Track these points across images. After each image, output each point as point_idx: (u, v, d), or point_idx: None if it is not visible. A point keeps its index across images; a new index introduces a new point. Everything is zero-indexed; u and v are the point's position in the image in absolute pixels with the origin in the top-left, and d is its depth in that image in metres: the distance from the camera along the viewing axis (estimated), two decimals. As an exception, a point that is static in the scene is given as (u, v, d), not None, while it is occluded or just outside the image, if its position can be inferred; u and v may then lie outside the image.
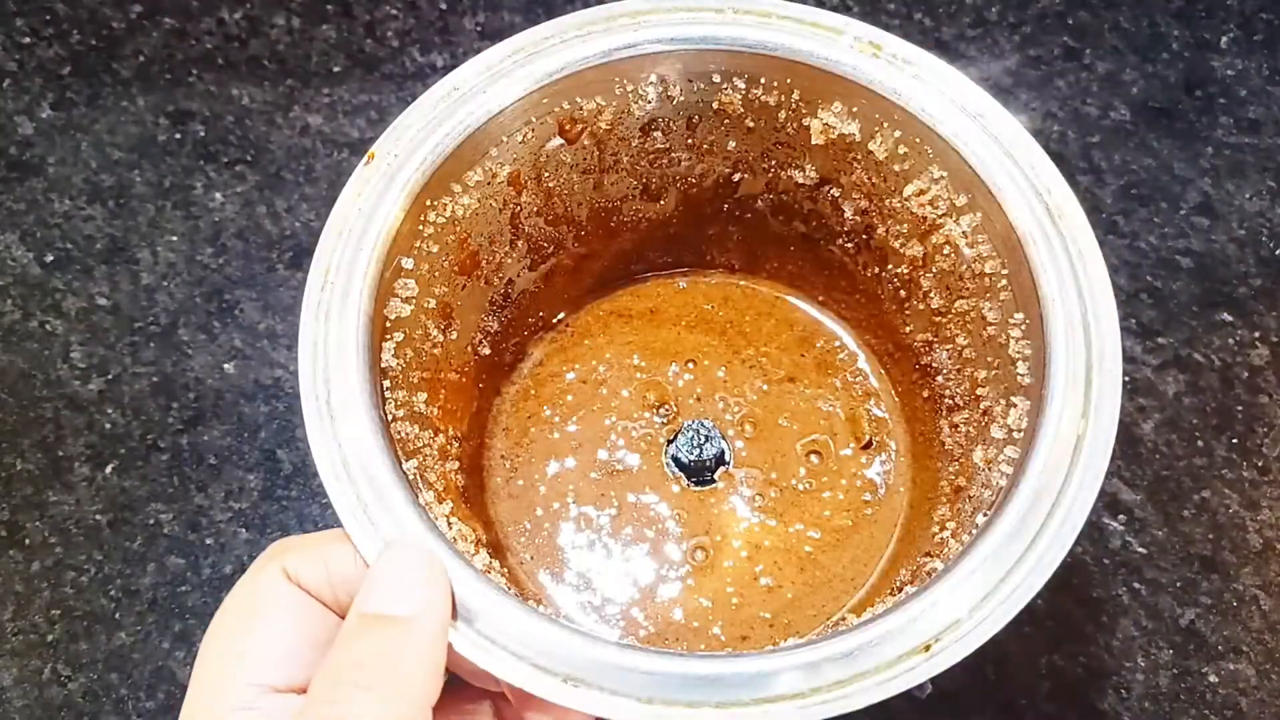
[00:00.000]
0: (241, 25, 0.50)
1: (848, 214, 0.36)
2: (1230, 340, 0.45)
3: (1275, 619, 0.41)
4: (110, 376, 0.45)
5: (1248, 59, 0.51)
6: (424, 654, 0.24)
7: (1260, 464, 0.43)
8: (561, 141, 0.33)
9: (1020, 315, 0.30)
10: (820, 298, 0.40)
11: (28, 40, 0.50)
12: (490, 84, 0.31)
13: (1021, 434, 0.29)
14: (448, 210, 0.32)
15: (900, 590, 0.30)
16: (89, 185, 0.48)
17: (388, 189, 0.29)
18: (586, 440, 0.38)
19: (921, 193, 0.32)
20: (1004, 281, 0.31)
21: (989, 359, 0.32)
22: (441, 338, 0.33)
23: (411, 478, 0.28)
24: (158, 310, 0.46)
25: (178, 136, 0.49)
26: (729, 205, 0.38)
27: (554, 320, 0.40)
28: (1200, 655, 0.40)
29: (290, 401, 0.45)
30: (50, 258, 0.47)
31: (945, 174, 0.31)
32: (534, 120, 0.32)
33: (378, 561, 0.25)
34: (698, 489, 0.37)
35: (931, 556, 0.31)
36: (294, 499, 0.43)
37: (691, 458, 0.36)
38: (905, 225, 0.34)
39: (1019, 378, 0.30)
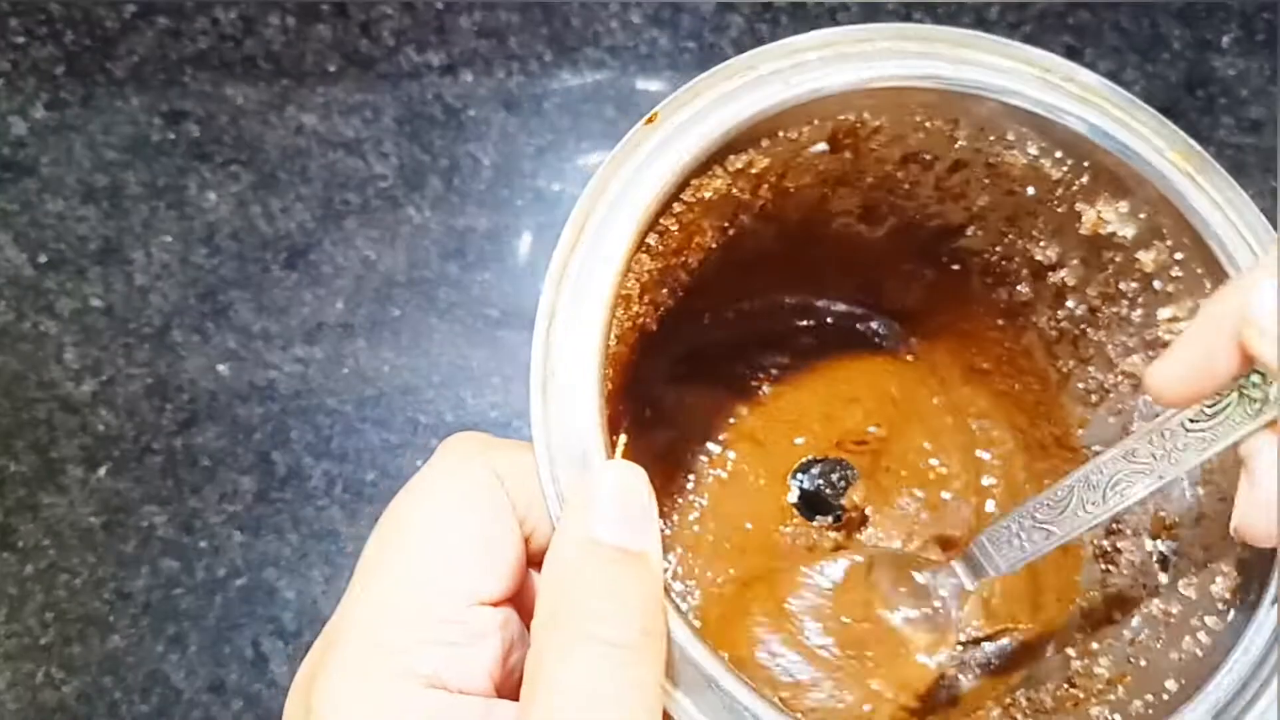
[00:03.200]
0: (236, 25, 0.50)
1: (1069, 304, 0.33)
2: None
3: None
4: (104, 378, 0.45)
5: (1249, 59, 0.51)
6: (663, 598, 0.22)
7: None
8: (825, 148, 0.31)
9: None
10: (984, 365, 0.38)
11: (21, 40, 0.50)
12: (795, 73, 0.29)
13: (1228, 608, 0.26)
14: (701, 191, 0.29)
15: (1037, 708, 0.29)
16: (82, 186, 0.48)
17: (662, 155, 0.27)
18: (720, 438, 0.38)
19: (1175, 320, 0.30)
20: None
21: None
22: (635, 311, 0.31)
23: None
24: (151, 311, 0.46)
25: (172, 136, 0.48)
26: (941, 250, 0.36)
27: (725, 316, 0.40)
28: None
29: (284, 403, 0.44)
30: (44, 259, 0.47)
31: None
32: (817, 121, 0.30)
33: (603, 483, 0.23)
34: (806, 520, 0.37)
35: (1082, 691, 0.29)
36: (288, 501, 0.43)
37: (819, 485, 0.37)
38: (1135, 339, 0.31)
39: (1234, 545, 0.27)
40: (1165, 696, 0.26)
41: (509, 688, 0.23)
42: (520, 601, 0.24)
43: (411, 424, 0.44)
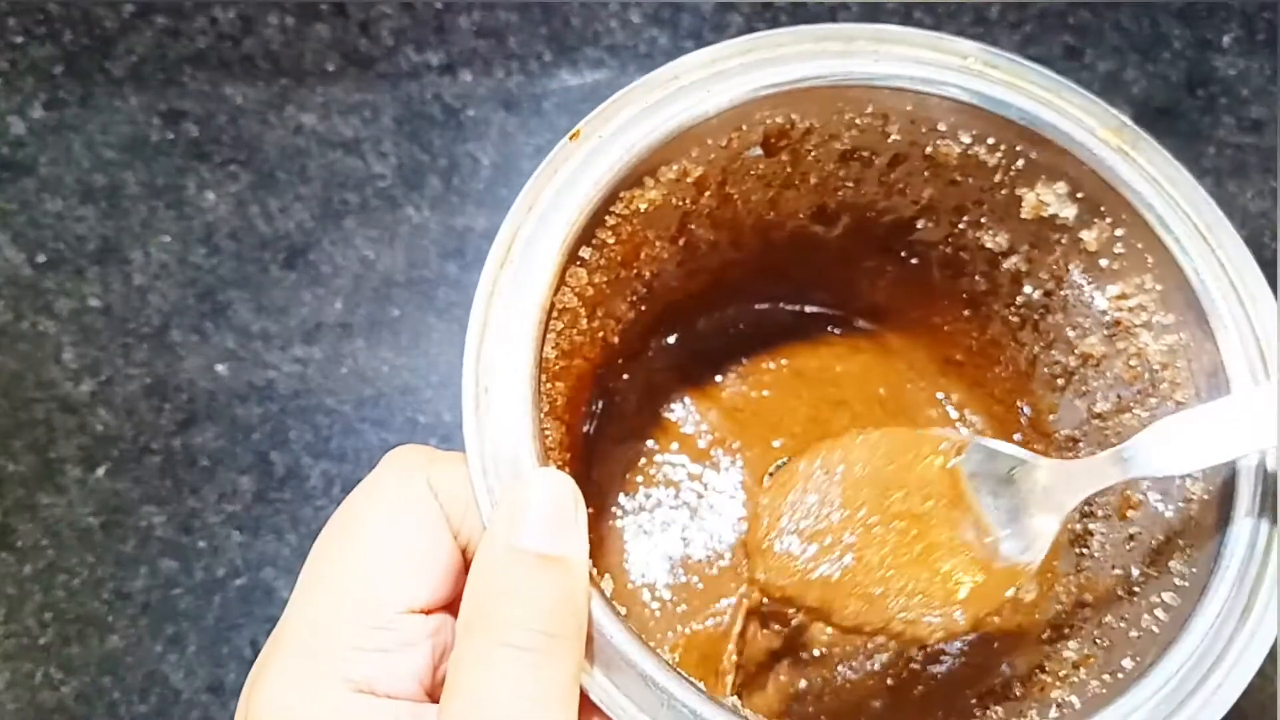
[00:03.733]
0: (235, 24, 0.50)
1: (1026, 289, 0.34)
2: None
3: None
4: (102, 378, 0.45)
5: (1250, 58, 0.51)
6: (587, 603, 0.23)
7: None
8: (761, 152, 0.32)
9: None
10: (958, 357, 0.39)
11: (20, 40, 0.50)
12: (715, 82, 0.29)
13: (1187, 584, 0.27)
14: (634, 203, 0.30)
15: (1006, 694, 0.30)
16: (81, 185, 0.48)
17: (586, 171, 0.28)
18: (698, 447, 0.38)
19: (1124, 296, 0.30)
20: None
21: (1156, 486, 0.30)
22: (586, 325, 0.31)
23: None
24: (150, 311, 0.46)
25: (170, 136, 0.48)
26: (898, 245, 0.36)
27: (697, 325, 0.40)
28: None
29: (283, 403, 0.44)
30: (42, 258, 0.46)
31: (1160, 289, 0.29)
32: (744, 127, 0.30)
33: (529, 491, 0.23)
34: None
35: (1050, 676, 0.29)
36: (287, 501, 0.43)
37: None
38: (1090, 320, 0.32)
39: (1191, 517, 0.28)
40: (1120, 675, 0.26)
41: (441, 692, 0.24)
42: (457, 608, 0.25)
43: (410, 424, 0.44)
